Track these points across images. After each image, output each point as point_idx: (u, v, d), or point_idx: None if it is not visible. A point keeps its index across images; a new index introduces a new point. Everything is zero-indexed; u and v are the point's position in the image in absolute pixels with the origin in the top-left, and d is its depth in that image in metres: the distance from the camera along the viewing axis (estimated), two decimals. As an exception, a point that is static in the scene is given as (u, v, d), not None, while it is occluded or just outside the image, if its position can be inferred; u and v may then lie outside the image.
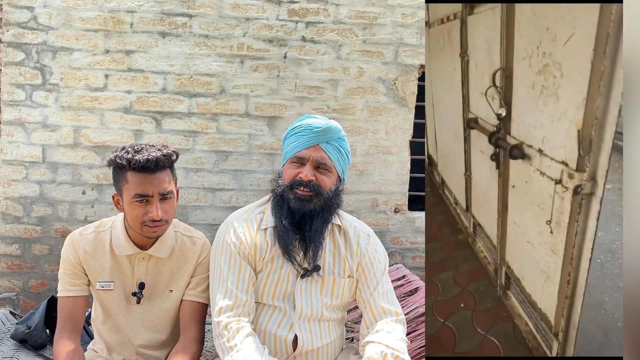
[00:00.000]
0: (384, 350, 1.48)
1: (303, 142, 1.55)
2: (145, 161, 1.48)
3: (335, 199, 1.60)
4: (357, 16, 3.22)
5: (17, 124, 3.09)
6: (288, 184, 1.56)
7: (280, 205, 1.57)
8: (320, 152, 1.55)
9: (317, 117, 1.60)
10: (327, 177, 1.56)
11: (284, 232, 1.55)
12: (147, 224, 1.53)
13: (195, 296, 1.67)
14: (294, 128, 1.60)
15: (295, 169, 1.56)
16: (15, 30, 3.05)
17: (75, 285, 1.62)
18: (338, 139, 1.58)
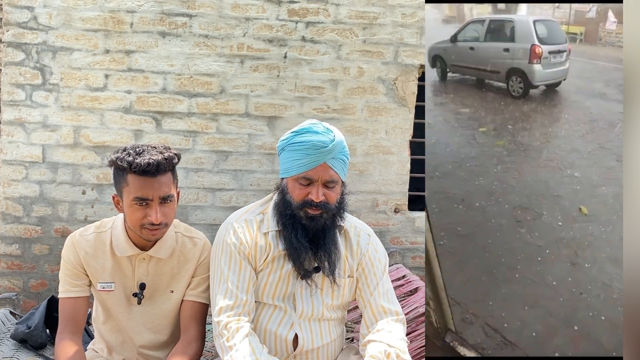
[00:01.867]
0: (387, 350, 1.48)
1: (309, 161, 1.50)
2: (146, 165, 1.46)
3: (342, 204, 1.61)
4: (357, 16, 3.22)
5: (17, 124, 3.09)
6: (298, 205, 1.53)
7: (293, 224, 1.55)
8: (329, 171, 1.51)
9: (319, 130, 1.52)
10: (334, 192, 1.55)
11: (302, 250, 1.54)
12: (147, 227, 1.53)
13: (196, 296, 1.67)
14: (294, 143, 1.52)
15: (304, 189, 1.53)
16: (15, 30, 3.05)
17: (76, 286, 1.62)
18: (342, 150, 1.54)
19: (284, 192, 1.58)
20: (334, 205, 1.56)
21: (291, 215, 1.55)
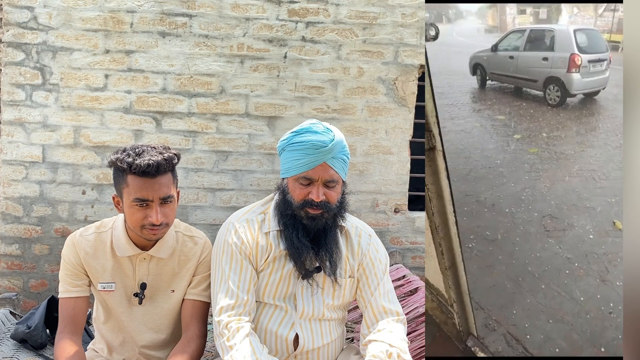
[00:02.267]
0: (388, 350, 1.49)
1: (309, 161, 1.51)
2: (146, 166, 1.46)
3: (343, 203, 1.61)
4: (357, 16, 3.22)
5: (17, 124, 3.09)
6: (299, 205, 1.54)
7: (294, 225, 1.55)
8: (329, 171, 1.52)
9: (318, 130, 1.52)
10: (334, 192, 1.56)
11: (304, 249, 1.54)
12: (147, 227, 1.53)
13: (197, 295, 1.67)
14: (295, 143, 1.53)
15: (304, 188, 1.53)
16: (15, 30, 3.05)
17: (76, 286, 1.62)
18: (342, 149, 1.54)
19: (284, 192, 1.58)
20: (334, 205, 1.56)
21: (292, 215, 1.56)
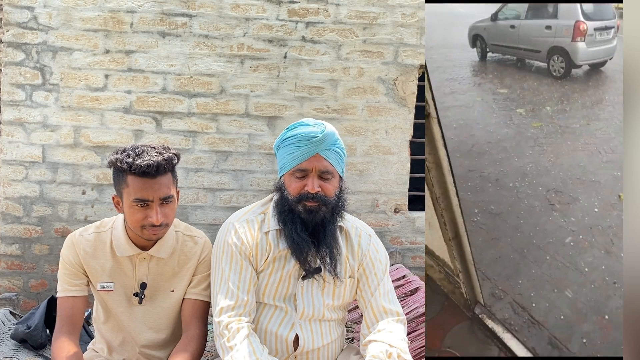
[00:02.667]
0: (388, 350, 1.48)
1: (302, 153, 1.53)
2: (146, 166, 1.47)
3: (341, 200, 1.61)
4: (357, 16, 3.22)
5: (17, 124, 3.09)
6: (296, 198, 1.55)
7: (292, 219, 1.56)
8: (322, 161, 1.53)
9: (309, 123, 1.57)
10: (330, 184, 1.56)
11: (304, 244, 1.54)
12: (147, 227, 1.54)
13: (197, 294, 1.67)
14: (288, 138, 1.56)
15: (300, 181, 1.55)
16: (15, 30, 3.05)
17: (74, 285, 1.62)
18: (334, 141, 1.56)
19: (282, 189, 1.59)
20: (332, 199, 1.56)
21: (289, 210, 1.56)
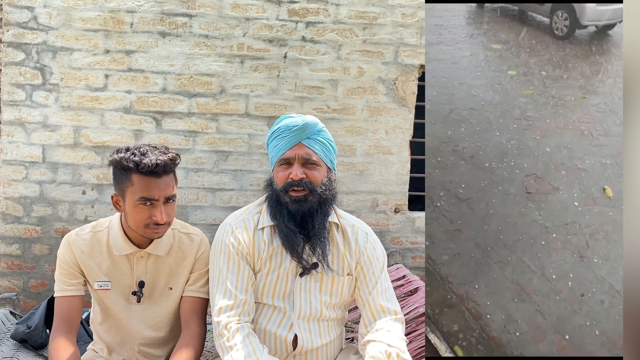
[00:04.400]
0: (387, 350, 1.48)
1: (285, 143, 1.57)
2: (154, 165, 1.50)
3: (330, 191, 1.61)
4: (357, 16, 3.22)
5: (17, 124, 3.09)
6: (282, 188, 1.57)
7: (279, 210, 1.58)
8: (304, 149, 1.57)
9: (293, 115, 1.62)
10: (317, 172, 1.58)
11: (292, 234, 1.55)
12: (151, 226, 1.55)
13: (195, 291, 1.67)
14: (274, 132, 1.61)
15: (285, 170, 1.58)
16: (15, 30, 3.05)
17: (71, 285, 1.63)
18: (318, 132, 1.60)
19: (272, 183, 1.63)
20: (319, 188, 1.57)
21: (277, 200, 1.59)
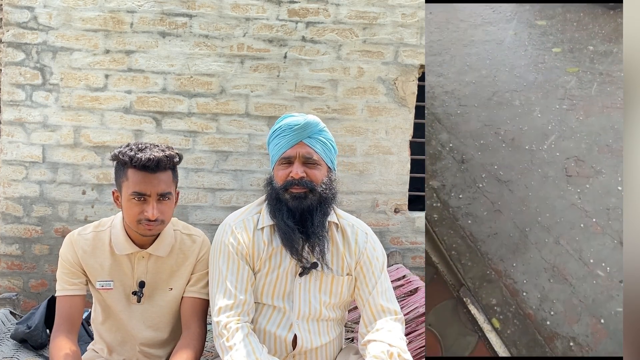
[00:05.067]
0: (389, 349, 1.48)
1: (286, 141, 1.57)
2: (146, 160, 1.49)
3: (330, 190, 1.61)
4: (357, 16, 3.22)
5: (17, 124, 3.09)
6: (282, 186, 1.57)
7: (279, 208, 1.58)
8: (305, 148, 1.57)
9: (295, 114, 1.62)
10: (317, 171, 1.58)
11: (290, 232, 1.55)
12: (143, 222, 1.55)
13: (196, 292, 1.67)
14: (275, 130, 1.61)
15: (285, 169, 1.58)
16: (15, 30, 3.05)
17: (72, 284, 1.63)
18: (319, 131, 1.60)
19: (272, 181, 1.62)
20: (319, 186, 1.57)
21: (277, 198, 1.59)
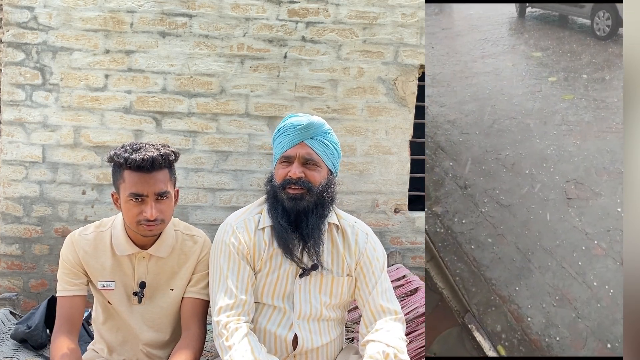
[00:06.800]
0: (385, 350, 1.48)
1: (288, 141, 1.57)
2: (141, 160, 1.48)
3: (328, 193, 1.60)
4: (357, 16, 3.22)
5: (17, 124, 3.09)
6: (279, 184, 1.58)
7: (275, 206, 1.59)
8: (306, 148, 1.57)
9: (300, 115, 1.62)
10: (316, 173, 1.58)
11: (283, 232, 1.56)
12: (143, 223, 1.54)
13: (196, 293, 1.67)
14: (279, 129, 1.62)
15: (285, 168, 1.58)
16: (15, 30, 3.05)
17: (73, 285, 1.62)
18: (322, 133, 1.59)
19: (271, 180, 1.62)
20: (317, 188, 1.57)
21: (274, 197, 1.59)
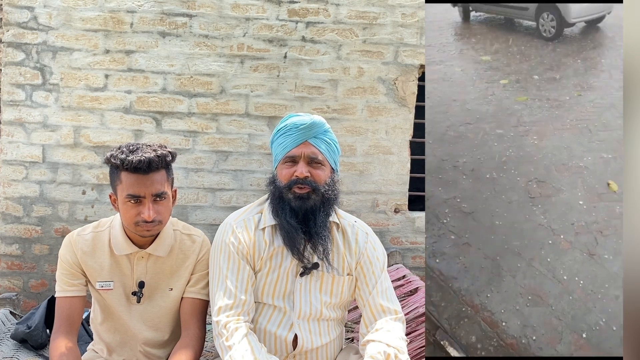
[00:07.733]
0: (386, 350, 1.48)
1: (291, 140, 1.57)
2: (137, 162, 1.48)
3: (333, 191, 1.61)
4: (357, 16, 3.22)
5: (17, 124, 3.09)
6: (286, 185, 1.57)
7: (282, 207, 1.58)
8: (311, 148, 1.57)
9: (300, 114, 1.62)
10: (321, 171, 1.58)
11: (293, 231, 1.55)
12: (140, 224, 1.54)
13: (196, 293, 1.67)
14: (279, 129, 1.61)
15: (289, 168, 1.58)
16: (15, 30, 3.05)
17: (72, 285, 1.62)
18: (324, 132, 1.60)
19: (275, 180, 1.62)
20: (322, 187, 1.57)
21: (280, 197, 1.58)
